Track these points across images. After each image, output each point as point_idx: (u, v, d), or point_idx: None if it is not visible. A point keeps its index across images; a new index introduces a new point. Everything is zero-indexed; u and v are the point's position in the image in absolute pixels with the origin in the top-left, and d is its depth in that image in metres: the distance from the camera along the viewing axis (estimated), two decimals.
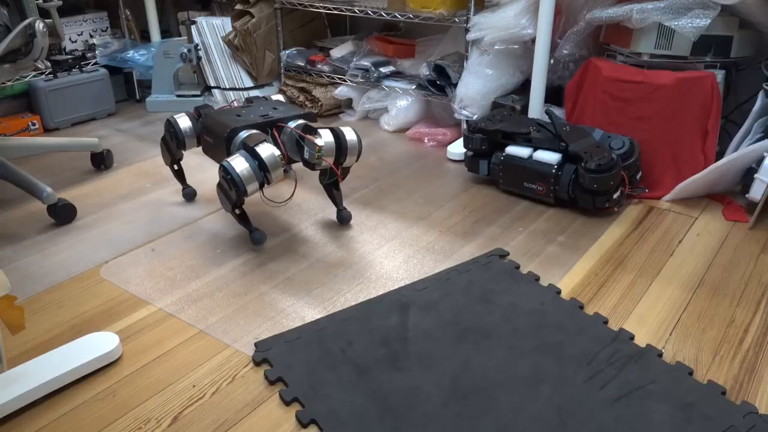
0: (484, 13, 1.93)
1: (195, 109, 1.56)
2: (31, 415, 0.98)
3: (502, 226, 1.55)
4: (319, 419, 0.95)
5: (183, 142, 1.54)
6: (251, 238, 1.42)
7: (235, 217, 1.42)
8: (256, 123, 1.43)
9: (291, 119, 1.47)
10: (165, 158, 1.64)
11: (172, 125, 1.54)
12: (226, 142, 1.39)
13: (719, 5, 1.55)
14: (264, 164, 1.31)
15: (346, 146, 1.43)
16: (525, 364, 1.06)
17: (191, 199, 1.69)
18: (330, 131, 1.43)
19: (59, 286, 1.31)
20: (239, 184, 1.29)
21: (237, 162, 1.30)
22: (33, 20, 1.48)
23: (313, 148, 1.38)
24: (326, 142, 1.40)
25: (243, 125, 1.41)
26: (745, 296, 1.26)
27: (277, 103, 1.57)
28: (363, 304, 1.23)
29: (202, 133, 1.52)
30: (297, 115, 1.48)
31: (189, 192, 1.69)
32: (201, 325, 1.18)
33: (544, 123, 1.70)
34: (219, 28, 2.46)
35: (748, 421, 0.94)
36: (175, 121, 1.54)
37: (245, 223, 1.43)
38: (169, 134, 1.56)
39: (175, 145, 1.56)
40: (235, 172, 1.29)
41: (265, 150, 1.31)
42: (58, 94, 2.24)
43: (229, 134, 1.39)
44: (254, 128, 1.42)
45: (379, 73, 2.24)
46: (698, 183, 1.64)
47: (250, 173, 1.29)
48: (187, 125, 1.54)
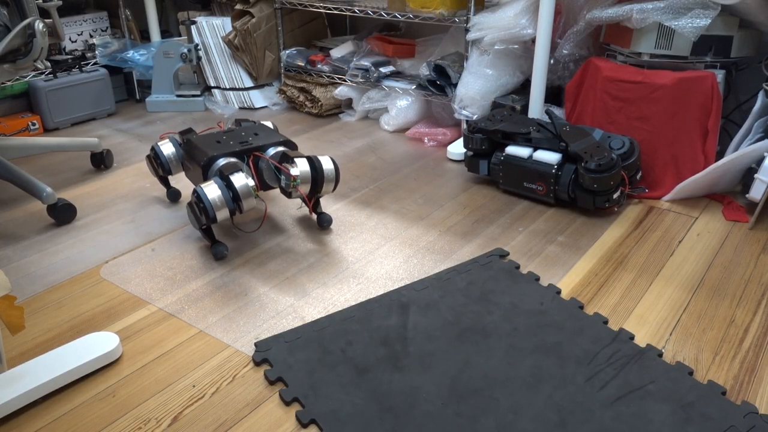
0: (484, 13, 1.93)
1: (179, 134, 1.57)
2: (31, 415, 0.98)
3: (502, 226, 1.55)
4: (319, 419, 0.95)
5: (168, 169, 1.57)
6: (212, 250, 1.40)
7: (201, 232, 1.42)
8: (234, 151, 1.44)
9: (270, 146, 1.48)
10: (151, 171, 1.64)
11: (157, 154, 1.56)
12: (203, 169, 1.40)
13: (719, 5, 1.55)
14: (236, 194, 1.32)
15: (322, 176, 1.43)
16: (525, 364, 1.06)
17: (176, 200, 1.69)
18: (307, 160, 1.42)
19: (59, 286, 1.31)
20: (209, 211, 1.30)
21: (210, 189, 1.31)
22: (33, 20, 1.48)
23: (289, 179, 1.38)
24: (302, 171, 1.40)
25: (220, 153, 1.41)
26: (745, 296, 1.26)
27: (260, 129, 1.57)
28: (363, 304, 1.23)
29: (185, 158, 1.54)
30: (276, 142, 1.49)
31: (173, 193, 1.69)
32: (201, 325, 1.18)
33: (544, 123, 1.70)
34: (219, 28, 2.46)
35: (748, 421, 0.94)
36: (159, 150, 1.56)
37: (207, 236, 1.43)
38: (154, 162, 1.57)
39: (161, 171, 1.58)
40: (206, 198, 1.30)
41: (239, 180, 1.33)
42: (58, 94, 2.24)
43: (207, 162, 1.40)
44: (232, 156, 1.43)
45: (379, 73, 2.24)
46: (698, 183, 1.64)
47: (221, 201, 1.31)
48: (170, 152, 1.56)
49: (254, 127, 1.59)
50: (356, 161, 1.96)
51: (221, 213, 1.32)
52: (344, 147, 2.09)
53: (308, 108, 2.42)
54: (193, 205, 1.35)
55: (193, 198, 1.34)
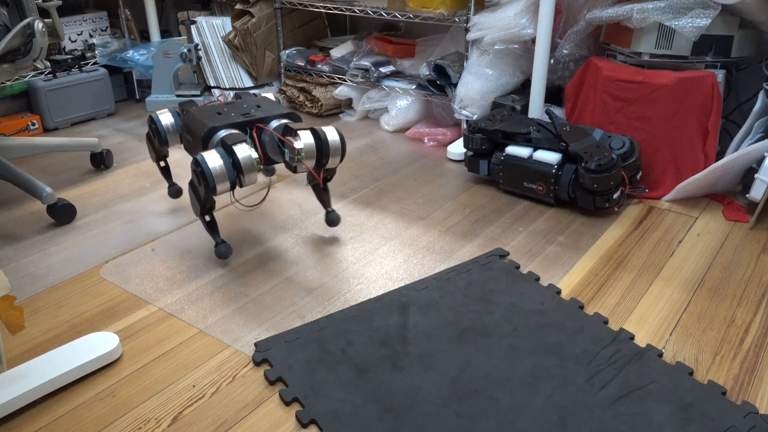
0: (484, 12, 1.93)
1: (179, 105, 1.52)
2: (31, 415, 0.98)
3: (502, 226, 1.55)
4: (319, 419, 0.95)
5: (165, 140, 1.50)
6: (215, 250, 1.37)
7: (204, 223, 1.37)
8: (236, 122, 1.37)
9: (272, 119, 1.41)
10: (151, 155, 1.60)
11: (154, 122, 1.49)
12: (203, 141, 1.34)
13: (720, 5, 1.55)
14: (239, 165, 1.25)
15: (327, 148, 1.36)
16: (525, 364, 1.06)
17: (177, 197, 1.67)
18: (310, 132, 1.36)
19: (59, 286, 1.31)
20: (209, 179, 1.23)
21: (211, 157, 1.24)
22: (32, 20, 1.48)
23: (293, 152, 1.32)
24: (306, 144, 1.33)
25: (222, 124, 1.35)
26: (745, 296, 1.26)
27: (262, 101, 1.51)
28: (363, 304, 1.23)
29: (183, 130, 1.47)
30: (279, 115, 1.42)
31: (174, 190, 1.66)
32: (201, 325, 1.18)
33: (544, 123, 1.70)
34: (219, 28, 2.46)
35: (748, 421, 0.94)
36: (158, 118, 1.49)
37: (212, 233, 1.37)
38: (152, 131, 1.51)
39: (158, 142, 1.51)
40: (207, 166, 1.23)
41: (242, 151, 1.26)
42: (58, 93, 2.24)
43: (207, 133, 1.34)
44: (233, 128, 1.37)
45: (379, 73, 2.24)
46: (698, 183, 1.64)
47: (222, 171, 1.24)
48: (169, 122, 1.49)
49: (256, 99, 1.52)
50: (356, 161, 1.96)
51: (222, 185, 1.24)
52: None
53: (308, 108, 2.42)
54: (192, 177, 1.28)
55: (192, 166, 1.26)
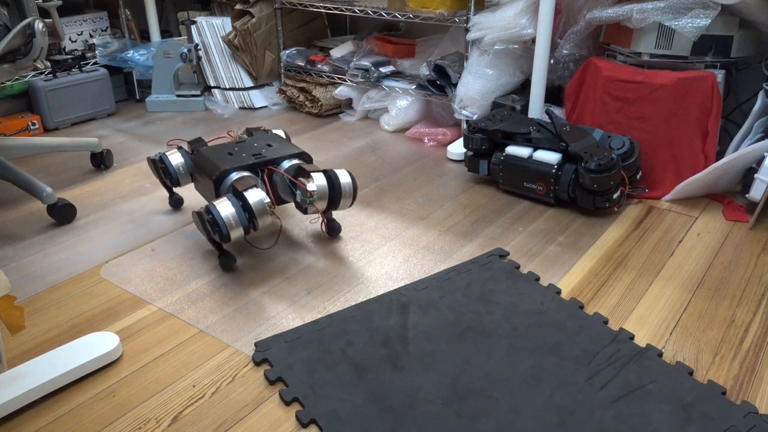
0: (484, 12, 1.93)
1: (189, 143, 1.51)
2: (31, 415, 0.98)
3: (502, 226, 1.55)
4: (319, 419, 0.95)
5: (177, 181, 1.50)
6: (219, 261, 1.37)
7: (210, 241, 1.38)
8: (247, 164, 1.37)
9: (284, 159, 1.42)
10: (154, 173, 1.58)
11: (164, 163, 1.49)
12: (215, 183, 1.34)
13: (719, 5, 1.55)
14: (251, 210, 1.26)
15: (339, 191, 1.37)
16: (525, 363, 1.06)
17: (178, 207, 1.65)
18: (323, 174, 1.36)
19: (59, 286, 1.31)
20: (223, 229, 1.24)
21: (223, 206, 1.25)
22: (32, 20, 1.48)
23: (305, 194, 1.33)
24: (318, 187, 1.34)
25: (233, 167, 1.35)
26: (745, 296, 1.26)
27: (272, 139, 1.51)
28: (363, 304, 1.23)
29: (195, 170, 1.48)
30: (290, 155, 1.43)
31: (175, 200, 1.65)
32: (201, 325, 1.18)
33: (544, 123, 1.70)
34: (219, 28, 2.46)
35: (748, 421, 0.94)
36: (168, 160, 1.49)
37: (216, 246, 1.39)
38: (162, 172, 1.51)
39: (170, 182, 1.51)
40: (219, 216, 1.23)
41: (254, 196, 1.27)
42: (58, 93, 2.24)
43: (219, 176, 1.34)
44: (245, 170, 1.37)
45: (379, 73, 2.24)
46: (698, 183, 1.64)
47: (236, 219, 1.24)
48: (179, 162, 1.49)
49: (267, 137, 1.53)
50: (356, 161, 1.96)
51: (235, 232, 1.25)
52: (344, 147, 2.09)
53: (308, 108, 2.42)
54: (206, 223, 1.28)
55: (205, 216, 1.26)
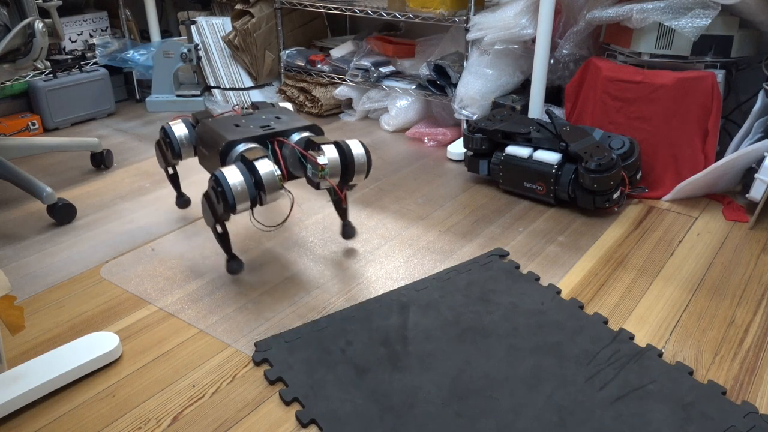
0: (484, 12, 1.93)
1: (192, 116, 1.45)
2: (31, 415, 0.98)
3: (502, 226, 1.55)
4: (319, 419, 0.95)
5: (178, 152, 1.43)
6: (226, 265, 1.31)
7: (216, 235, 1.29)
8: (256, 136, 1.29)
9: (294, 132, 1.34)
10: (160, 162, 1.53)
11: (167, 133, 1.43)
12: (221, 155, 1.27)
13: (719, 5, 1.55)
14: (261, 182, 1.17)
15: (352, 163, 1.28)
16: (525, 363, 1.06)
17: (185, 208, 1.63)
18: (335, 146, 1.28)
19: (59, 286, 1.31)
20: (229, 198, 1.15)
21: (231, 173, 1.17)
22: (32, 20, 1.48)
23: (316, 168, 1.24)
24: (330, 159, 1.26)
25: (241, 138, 1.27)
26: (745, 296, 1.26)
27: (281, 112, 1.43)
28: (363, 304, 1.23)
29: (198, 143, 1.40)
30: (301, 127, 1.34)
31: (183, 201, 1.62)
32: (201, 325, 1.18)
33: (544, 123, 1.70)
34: (219, 28, 2.46)
35: (748, 421, 0.94)
36: (171, 130, 1.42)
37: (224, 246, 1.30)
38: (164, 143, 1.45)
39: (170, 154, 1.44)
40: (227, 183, 1.15)
41: (264, 167, 1.18)
42: (58, 93, 2.24)
43: (225, 147, 1.26)
44: (253, 141, 1.29)
45: (379, 73, 2.24)
46: (698, 183, 1.64)
47: (244, 188, 1.16)
48: (182, 133, 1.42)
49: (274, 110, 1.44)
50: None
51: (242, 201, 1.16)
52: None
53: (308, 108, 2.42)
54: (209, 192, 1.20)
55: (210, 183, 1.18)
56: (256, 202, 1.19)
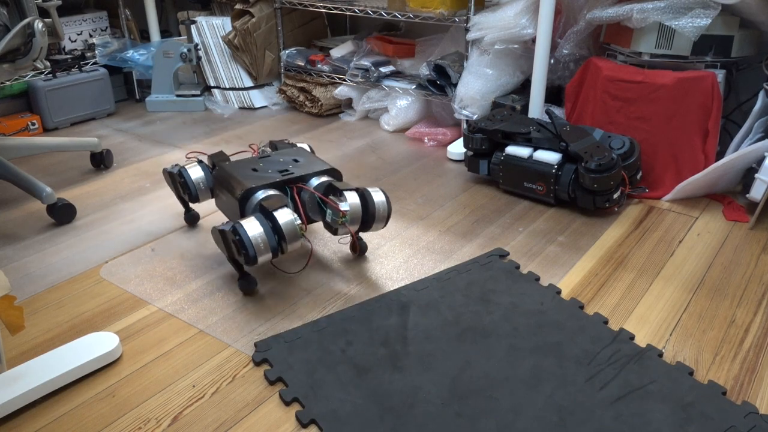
0: (484, 12, 1.93)
1: (208, 158, 1.43)
2: (31, 415, 0.98)
3: (502, 226, 1.55)
4: (319, 419, 0.95)
5: (196, 196, 1.40)
6: (239, 284, 1.28)
7: (231, 261, 1.28)
8: (275, 182, 1.28)
9: (313, 176, 1.32)
10: (171, 188, 1.50)
11: (183, 177, 1.39)
12: (240, 203, 1.25)
13: (720, 5, 1.55)
14: (281, 232, 1.16)
15: (373, 211, 1.27)
16: (525, 364, 1.06)
17: (194, 223, 1.56)
18: (356, 193, 1.27)
19: (59, 286, 1.31)
20: (250, 251, 1.14)
21: (251, 226, 1.14)
22: (32, 20, 1.48)
23: (337, 214, 1.23)
24: (351, 205, 1.25)
25: (259, 185, 1.26)
26: (745, 296, 1.26)
27: (298, 154, 1.42)
28: (363, 304, 1.23)
29: (216, 187, 1.38)
30: (320, 172, 1.33)
31: (192, 216, 1.56)
32: (201, 325, 1.18)
33: (544, 123, 1.70)
34: (219, 27, 2.46)
35: (748, 421, 0.94)
36: (188, 174, 1.39)
37: (236, 265, 1.28)
38: (180, 186, 1.42)
39: (188, 198, 1.41)
40: (247, 237, 1.13)
41: (284, 216, 1.17)
42: (58, 93, 2.24)
43: (244, 195, 1.24)
44: (272, 187, 1.27)
45: (379, 72, 2.24)
46: (698, 183, 1.63)
47: (264, 241, 1.14)
48: (199, 177, 1.40)
49: (292, 151, 1.44)
50: (356, 161, 1.96)
51: (263, 255, 1.15)
52: (344, 147, 2.09)
53: (308, 108, 2.42)
54: (230, 243, 1.18)
55: (231, 236, 1.16)
56: (278, 252, 1.18)
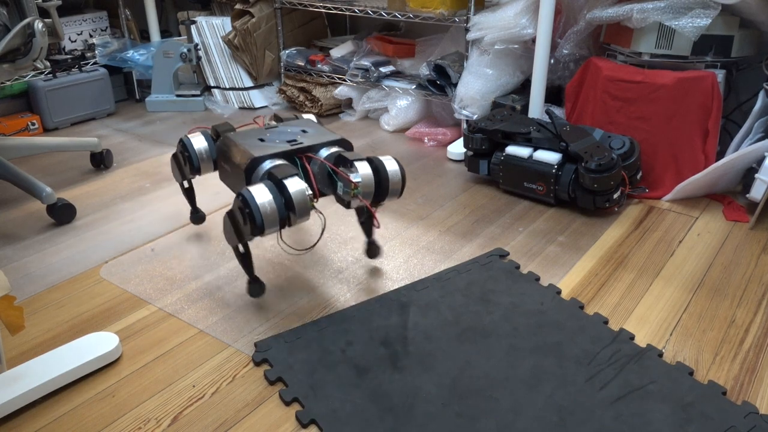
0: (484, 12, 1.93)
1: (212, 128, 1.35)
2: (31, 415, 0.98)
3: (502, 226, 1.55)
4: (319, 419, 0.95)
5: (198, 167, 1.33)
6: (248, 288, 1.23)
7: (237, 255, 1.20)
8: (283, 151, 1.20)
9: (323, 146, 1.25)
10: (175, 175, 1.44)
11: (185, 146, 1.33)
12: (246, 173, 1.18)
13: (720, 5, 1.55)
14: (291, 202, 1.08)
15: (386, 181, 1.21)
16: (525, 364, 1.06)
17: (199, 224, 1.54)
18: (368, 163, 1.20)
19: (59, 286, 1.31)
20: (257, 220, 1.06)
21: (259, 192, 1.08)
22: (32, 20, 1.48)
23: (348, 186, 1.16)
24: (363, 176, 1.18)
25: (267, 154, 1.18)
26: (745, 296, 1.26)
27: (306, 124, 1.35)
28: (363, 304, 1.23)
29: (219, 158, 1.31)
30: (329, 142, 1.26)
31: (198, 217, 1.52)
32: (201, 325, 1.18)
33: (544, 123, 1.70)
34: (219, 27, 2.46)
35: (748, 421, 0.94)
36: (190, 142, 1.33)
37: (246, 267, 1.21)
38: (183, 156, 1.35)
39: (189, 168, 1.35)
40: (255, 204, 1.06)
41: (295, 185, 1.09)
42: (58, 93, 2.24)
43: (251, 164, 1.17)
44: (280, 158, 1.20)
45: (379, 72, 2.24)
46: (699, 183, 1.63)
47: (273, 209, 1.07)
48: (202, 147, 1.33)
49: (300, 122, 1.37)
50: None
51: (270, 222, 1.07)
52: None
53: (308, 108, 2.42)
54: (235, 212, 1.11)
55: (237, 203, 1.09)
56: (286, 223, 1.11)
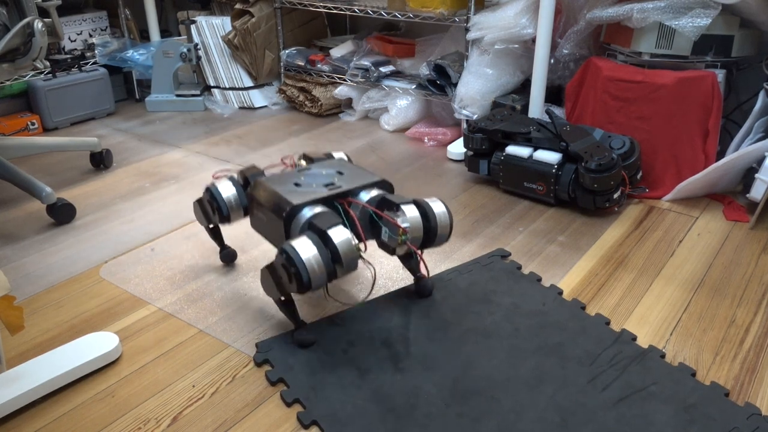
0: (484, 12, 1.93)
1: (239, 173, 1.27)
2: (30, 415, 0.97)
3: (502, 226, 1.55)
4: (320, 420, 0.95)
5: (227, 216, 1.24)
6: (295, 337, 1.11)
7: (279, 304, 1.13)
8: (323, 197, 1.11)
9: (363, 189, 1.16)
10: (199, 219, 1.33)
11: (213, 196, 1.23)
12: (285, 222, 1.08)
13: (720, 4, 1.55)
14: (337, 254, 1.01)
15: (435, 226, 1.12)
16: (527, 364, 1.06)
17: (231, 262, 1.40)
18: (414, 206, 1.11)
19: (59, 286, 1.31)
20: (304, 279, 0.99)
21: (303, 247, 0.99)
22: (32, 19, 1.48)
23: (396, 232, 1.07)
24: (411, 220, 1.09)
25: (306, 201, 1.09)
26: (746, 296, 1.26)
27: (341, 165, 1.26)
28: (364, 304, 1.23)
29: (252, 205, 1.21)
30: (369, 184, 1.17)
31: (227, 254, 1.38)
32: (201, 325, 1.18)
33: (544, 123, 1.70)
34: (219, 27, 2.46)
35: (751, 422, 0.94)
36: (217, 191, 1.23)
37: (291, 315, 1.12)
38: (210, 207, 1.25)
39: (218, 218, 1.25)
40: (301, 262, 0.98)
41: (340, 235, 1.01)
42: (57, 93, 2.24)
43: (290, 213, 1.08)
44: (319, 204, 1.10)
45: (379, 72, 2.24)
46: (699, 183, 1.63)
47: (320, 265, 0.99)
48: (231, 194, 1.23)
49: (333, 163, 1.27)
50: (356, 161, 1.96)
51: (318, 279, 1.00)
52: (344, 147, 2.09)
53: (308, 108, 2.42)
54: (278, 268, 1.04)
55: (280, 261, 1.02)
56: (333, 277, 1.03)
